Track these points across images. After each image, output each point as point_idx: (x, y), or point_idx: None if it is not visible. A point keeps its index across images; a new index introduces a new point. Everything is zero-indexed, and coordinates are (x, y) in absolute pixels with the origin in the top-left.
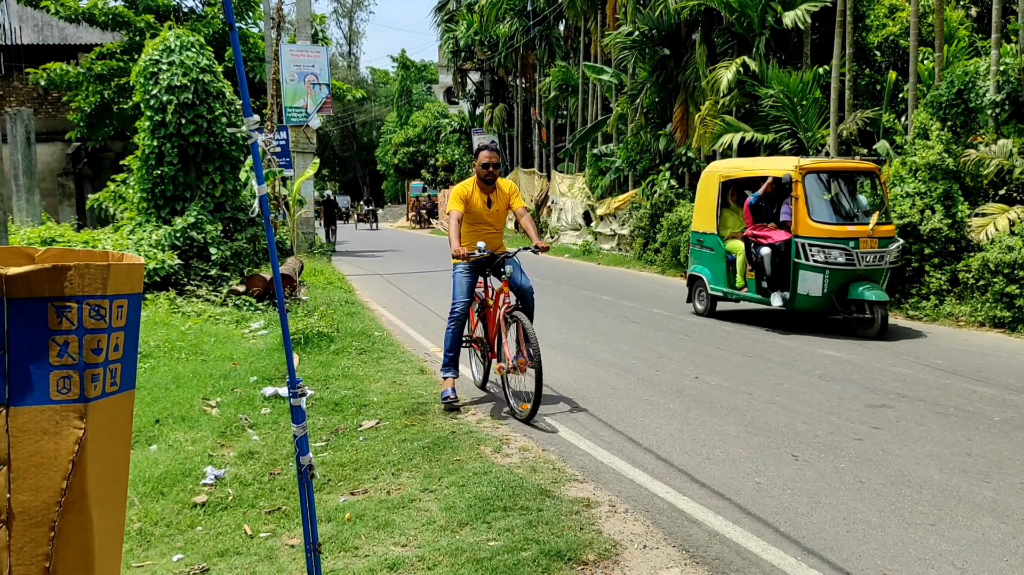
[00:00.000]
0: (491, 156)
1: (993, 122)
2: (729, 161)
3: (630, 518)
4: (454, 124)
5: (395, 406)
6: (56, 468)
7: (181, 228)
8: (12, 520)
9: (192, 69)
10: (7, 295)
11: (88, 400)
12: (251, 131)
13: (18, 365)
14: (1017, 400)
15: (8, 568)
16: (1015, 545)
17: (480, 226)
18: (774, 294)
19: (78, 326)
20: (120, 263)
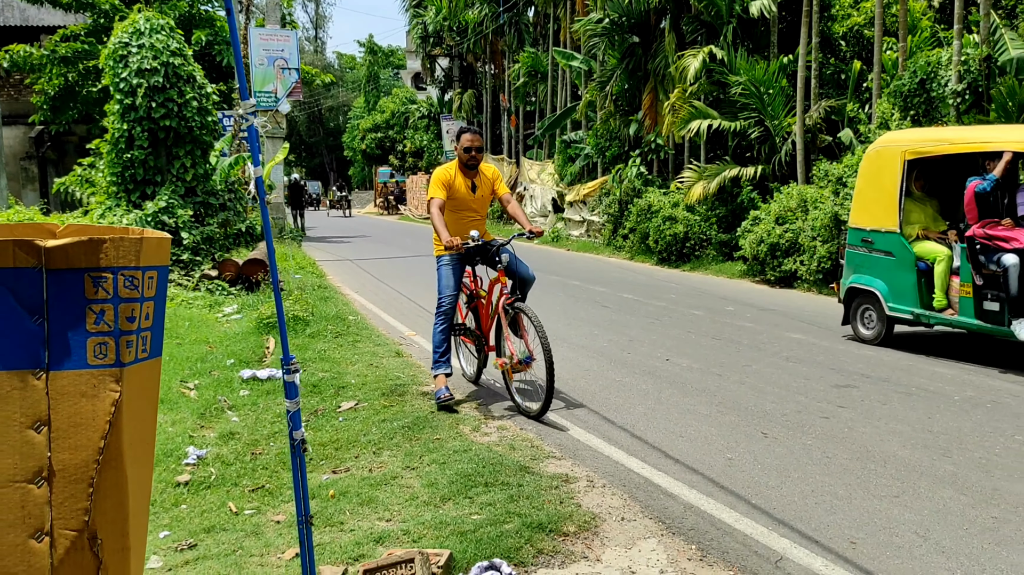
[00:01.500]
0: (474, 139)
1: (954, 111)
2: (918, 132)
3: (608, 492)
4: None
5: (373, 388)
6: (94, 428)
7: (152, 212)
8: (53, 477)
9: (162, 52)
10: (46, 266)
11: (124, 365)
12: (247, 114)
13: (57, 332)
14: (976, 380)
15: (50, 522)
16: (974, 515)
17: (465, 213)
18: (1019, 322)
19: (113, 295)
20: (152, 237)
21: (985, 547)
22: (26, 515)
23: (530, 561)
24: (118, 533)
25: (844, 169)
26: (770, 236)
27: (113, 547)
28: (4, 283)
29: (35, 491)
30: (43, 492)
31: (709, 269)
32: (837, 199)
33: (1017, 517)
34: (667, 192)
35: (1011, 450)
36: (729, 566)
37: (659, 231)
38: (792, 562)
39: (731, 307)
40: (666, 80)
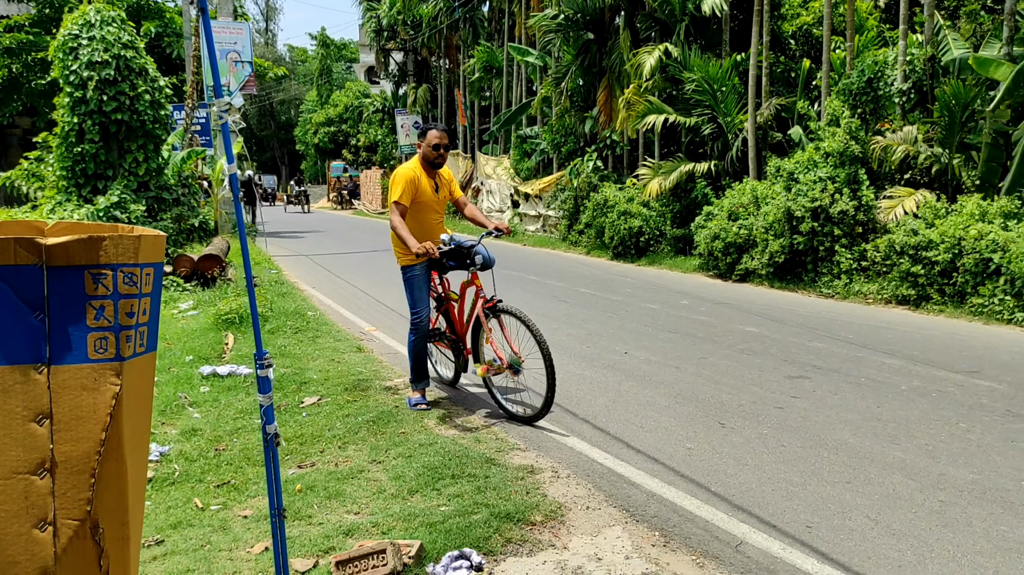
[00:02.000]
0: (442, 136)
1: (900, 110)
2: None
3: (572, 482)
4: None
5: (335, 383)
6: (95, 421)
7: (104, 207)
8: (55, 468)
9: (114, 45)
10: (46, 263)
11: (123, 359)
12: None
13: (58, 327)
14: (922, 371)
15: (53, 512)
16: (922, 499)
17: (429, 215)
18: None
19: (113, 292)
20: (149, 234)
21: (933, 529)
22: (29, 505)
23: (499, 550)
24: (118, 522)
25: (795, 165)
26: (724, 231)
27: (114, 536)
28: (5, 279)
29: (38, 482)
30: (46, 483)
31: (664, 264)
32: (789, 195)
33: (963, 500)
34: (622, 187)
35: (956, 437)
36: (692, 551)
37: (614, 226)
38: (752, 546)
39: (686, 301)
40: (621, 76)
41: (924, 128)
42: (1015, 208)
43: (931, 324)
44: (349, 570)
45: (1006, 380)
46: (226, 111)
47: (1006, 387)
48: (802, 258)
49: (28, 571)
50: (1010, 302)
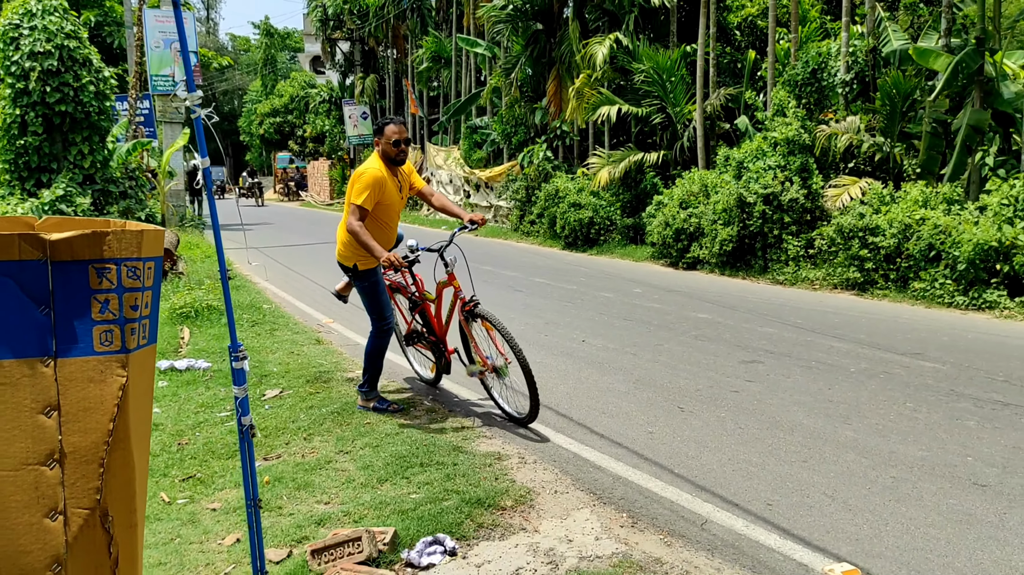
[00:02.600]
0: (401, 131)
1: (843, 100)
2: None
3: (539, 468)
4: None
5: (296, 375)
6: (103, 412)
7: (49, 201)
8: (64, 459)
9: (56, 35)
10: (51, 258)
11: (129, 351)
12: (194, 107)
13: (63, 321)
14: (869, 354)
15: (63, 501)
16: (875, 476)
17: (390, 217)
18: None
19: (118, 285)
20: (151, 229)
21: (887, 504)
22: (40, 495)
23: (472, 535)
24: (127, 510)
25: (744, 154)
26: (675, 220)
27: (123, 523)
28: (10, 275)
29: (48, 473)
30: (55, 473)
31: (615, 253)
32: (739, 183)
33: (913, 476)
34: (574, 177)
35: (904, 416)
36: (659, 531)
37: (566, 216)
38: (716, 524)
39: (639, 289)
40: (571, 67)
41: (867, 118)
42: (956, 195)
43: (876, 309)
44: (325, 558)
45: (949, 361)
46: (199, 105)
47: (949, 368)
48: (751, 245)
49: (40, 560)
50: (951, 286)
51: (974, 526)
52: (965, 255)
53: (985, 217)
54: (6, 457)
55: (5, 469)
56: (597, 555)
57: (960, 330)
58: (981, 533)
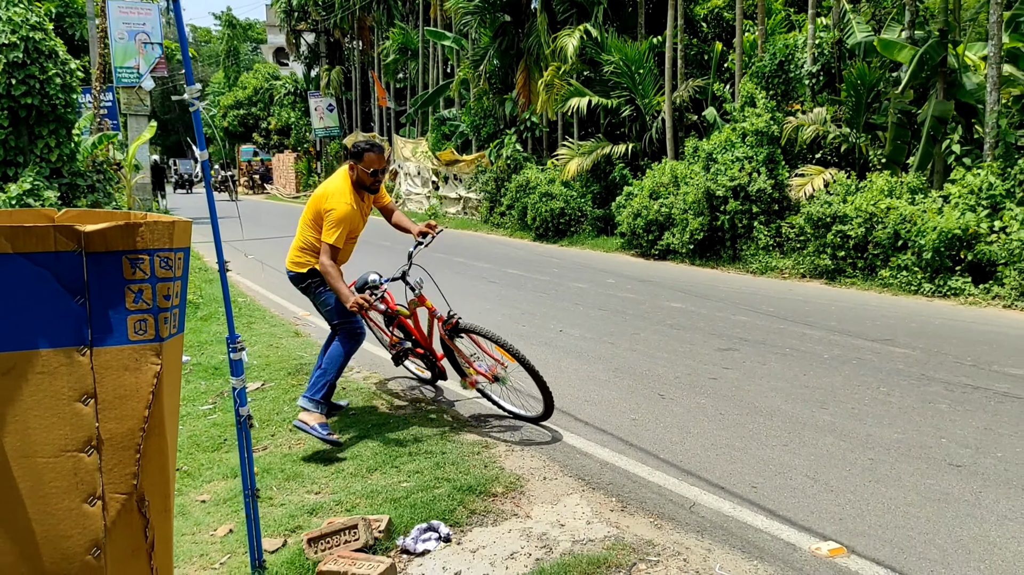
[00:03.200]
0: (381, 160)
1: (810, 91)
2: None
3: (527, 455)
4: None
5: (277, 368)
6: (138, 399)
7: (16, 195)
8: (102, 445)
9: (21, 26)
10: (85, 249)
11: (162, 339)
12: (192, 99)
13: (98, 311)
14: (841, 340)
15: (101, 487)
16: (854, 457)
17: (352, 240)
18: None
19: (151, 275)
20: (181, 220)
21: (867, 485)
22: (79, 481)
23: (464, 521)
24: (162, 495)
25: (713, 146)
26: (646, 211)
27: (158, 508)
28: (46, 266)
29: (86, 459)
30: (93, 460)
31: (586, 244)
32: (708, 174)
33: (890, 458)
34: (544, 169)
35: (878, 400)
36: (649, 514)
37: (536, 208)
38: (704, 507)
39: (612, 279)
40: (540, 59)
41: (832, 109)
42: (920, 184)
43: (844, 296)
44: (321, 546)
45: (918, 347)
46: (197, 98)
47: (919, 353)
48: (721, 236)
49: (79, 544)
50: (917, 273)
51: (952, 504)
52: (930, 243)
53: (949, 206)
54: (45, 444)
55: (45, 456)
56: (590, 538)
57: (927, 316)
58: (959, 511)
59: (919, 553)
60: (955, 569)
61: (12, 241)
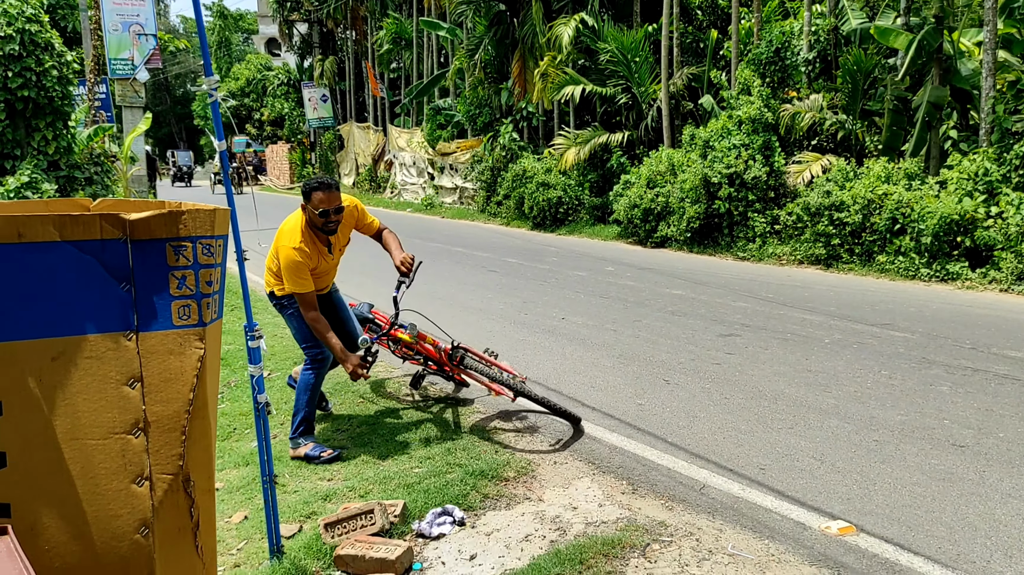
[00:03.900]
0: (330, 199)
1: (806, 78)
2: None
3: (537, 440)
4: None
5: (282, 357)
6: (183, 382)
7: (15, 188)
8: (148, 427)
9: (16, 19)
10: (130, 237)
11: (205, 324)
12: (211, 90)
13: (143, 297)
14: (840, 325)
15: (148, 467)
16: (859, 439)
17: (319, 275)
18: None
19: (194, 262)
20: (221, 208)
21: (873, 466)
22: (127, 463)
23: (478, 505)
24: (206, 475)
25: (710, 133)
26: (643, 200)
27: (202, 488)
28: (93, 254)
29: (134, 441)
30: (140, 442)
31: (584, 232)
32: (705, 162)
33: (895, 439)
34: (540, 158)
35: (880, 383)
36: (659, 496)
37: (534, 197)
38: (714, 488)
39: (611, 267)
40: (535, 48)
41: (829, 96)
42: (917, 170)
43: (842, 282)
44: (338, 531)
45: (918, 331)
46: (215, 89)
47: (919, 337)
48: (718, 223)
49: (129, 524)
50: (915, 258)
51: (956, 483)
52: (931, 228)
53: (946, 191)
54: (95, 426)
55: (94, 438)
56: (602, 520)
57: (925, 301)
58: (964, 490)
59: (926, 531)
60: (962, 546)
61: (60, 230)
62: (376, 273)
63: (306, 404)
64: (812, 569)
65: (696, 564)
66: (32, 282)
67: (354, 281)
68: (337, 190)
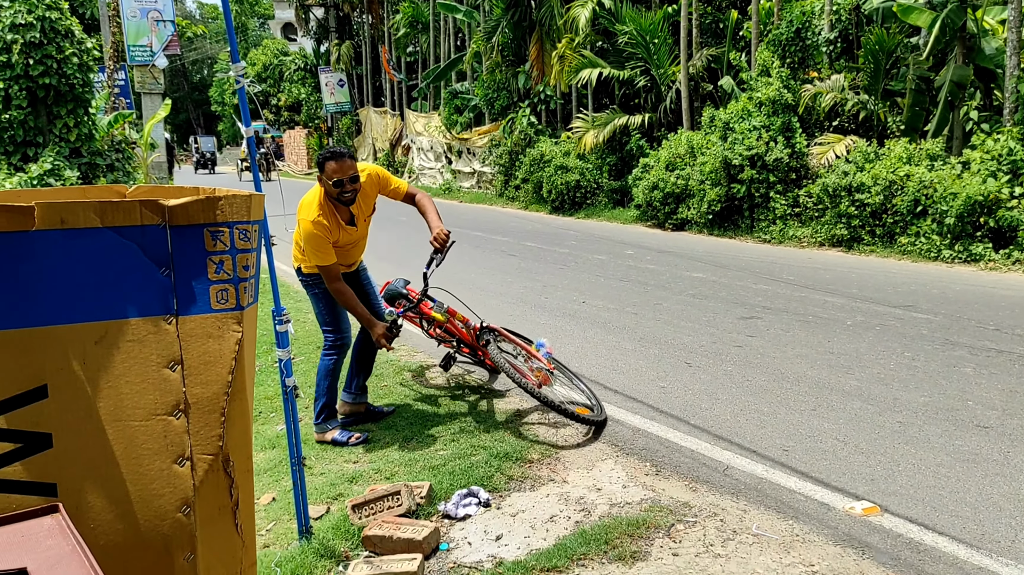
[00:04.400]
0: (342, 168)
1: (827, 59)
2: None
3: (560, 422)
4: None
5: (306, 342)
6: (222, 365)
7: (38, 175)
8: (189, 409)
9: (37, 6)
10: (169, 223)
11: (242, 308)
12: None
13: (182, 282)
14: (862, 307)
15: (189, 448)
16: (882, 420)
17: (351, 251)
18: None
19: (231, 247)
20: (256, 194)
21: (897, 447)
22: (169, 443)
23: (503, 487)
24: (244, 456)
25: (730, 115)
26: (662, 182)
27: (241, 468)
28: (133, 239)
29: (175, 422)
30: (181, 423)
31: (602, 216)
32: (726, 144)
33: (919, 420)
34: (558, 142)
35: (903, 365)
36: (683, 478)
37: (552, 180)
38: (738, 470)
39: (631, 251)
40: (552, 30)
41: (850, 76)
42: (939, 150)
43: (864, 264)
44: (365, 512)
45: (941, 312)
46: (242, 75)
47: (942, 319)
48: (738, 205)
49: (171, 503)
50: (937, 240)
51: (981, 464)
52: (956, 210)
53: (970, 172)
54: (137, 408)
55: (136, 419)
56: (627, 501)
57: (948, 282)
58: (988, 470)
59: (951, 511)
60: (987, 526)
61: (101, 216)
62: (398, 259)
63: (327, 390)
64: (836, 549)
65: (721, 544)
66: (75, 267)
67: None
68: (351, 159)
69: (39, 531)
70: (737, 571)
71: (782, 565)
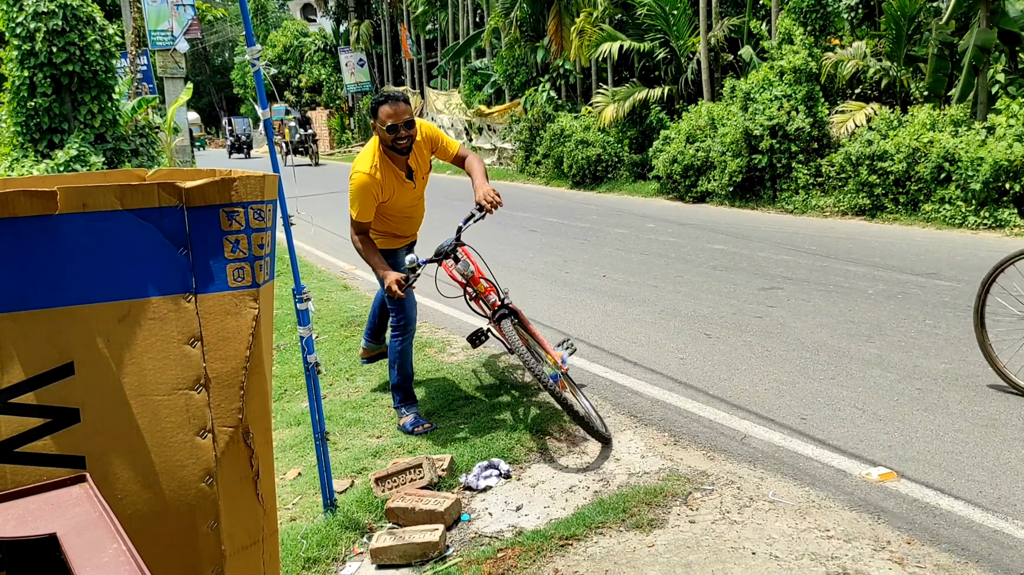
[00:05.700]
0: (397, 112)
1: (849, 25)
2: None
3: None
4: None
5: (330, 320)
6: (240, 341)
7: (64, 162)
8: (209, 383)
9: None
10: (186, 204)
11: (258, 286)
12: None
13: (200, 261)
14: (885, 276)
15: (211, 421)
16: (901, 388)
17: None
18: None
19: (246, 226)
20: (270, 175)
21: (915, 414)
22: (191, 417)
23: (523, 459)
24: (263, 428)
25: (751, 85)
26: (682, 155)
27: (260, 440)
28: (152, 221)
29: (196, 396)
30: (202, 397)
31: (623, 189)
32: (747, 114)
33: (938, 387)
34: (578, 116)
35: (924, 333)
36: (701, 447)
37: (573, 155)
38: (756, 438)
39: (652, 224)
40: (571, 5)
41: (872, 43)
42: (963, 116)
43: (887, 232)
44: (388, 485)
45: (964, 280)
46: (257, 58)
47: (965, 286)
48: (759, 176)
49: (194, 473)
50: (962, 207)
51: (999, 429)
52: (982, 175)
53: (995, 136)
54: (160, 383)
55: (160, 394)
56: (645, 471)
57: (972, 249)
58: (1006, 435)
59: (968, 475)
60: (1004, 490)
61: (121, 199)
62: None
63: (397, 375)
64: (852, 514)
65: (737, 511)
66: (97, 249)
67: None
68: (406, 102)
69: (68, 499)
70: (753, 537)
71: (797, 530)
